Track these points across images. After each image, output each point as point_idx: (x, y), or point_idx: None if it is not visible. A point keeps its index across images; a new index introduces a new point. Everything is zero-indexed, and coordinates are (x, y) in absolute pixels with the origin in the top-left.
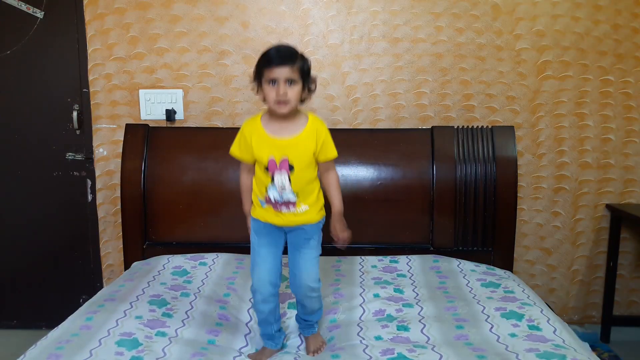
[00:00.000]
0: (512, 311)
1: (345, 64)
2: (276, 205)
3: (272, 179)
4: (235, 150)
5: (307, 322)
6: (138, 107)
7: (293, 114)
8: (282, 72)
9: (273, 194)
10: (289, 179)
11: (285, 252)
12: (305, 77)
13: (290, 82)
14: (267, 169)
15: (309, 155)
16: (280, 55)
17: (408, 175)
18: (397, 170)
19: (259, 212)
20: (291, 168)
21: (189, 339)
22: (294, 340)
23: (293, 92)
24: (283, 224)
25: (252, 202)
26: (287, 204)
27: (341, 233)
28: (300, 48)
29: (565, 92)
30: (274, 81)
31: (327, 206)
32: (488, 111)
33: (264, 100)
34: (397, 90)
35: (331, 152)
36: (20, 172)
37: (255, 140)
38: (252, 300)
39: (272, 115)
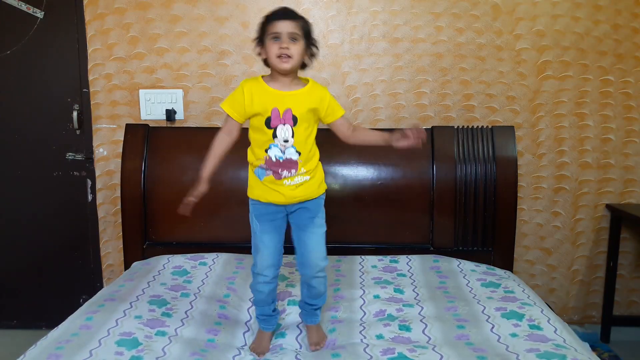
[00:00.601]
0: (512, 311)
1: (345, 64)
2: (277, 167)
3: (275, 134)
4: (227, 105)
5: (312, 307)
6: (138, 107)
7: (294, 77)
8: (285, 26)
9: (274, 152)
10: (292, 132)
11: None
12: (308, 38)
13: (293, 39)
14: (268, 123)
15: (312, 109)
16: (284, 11)
17: (408, 175)
18: (397, 170)
19: (257, 191)
20: (295, 121)
21: (189, 338)
22: (292, 341)
23: (296, 48)
24: (284, 202)
25: (248, 183)
26: (289, 164)
27: (419, 133)
28: None
29: (565, 92)
30: (276, 37)
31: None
32: (488, 111)
33: (266, 59)
34: (397, 90)
35: (339, 108)
36: (20, 172)
37: (257, 95)
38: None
39: (274, 75)
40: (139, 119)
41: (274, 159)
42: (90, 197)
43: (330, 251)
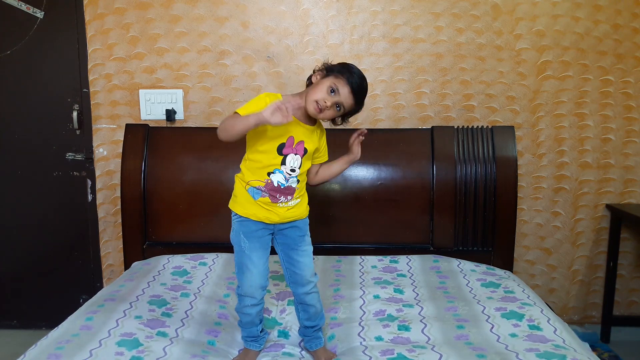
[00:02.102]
0: (512, 311)
1: None
2: (276, 192)
3: (284, 161)
4: (244, 111)
5: (313, 329)
6: (138, 107)
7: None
8: (347, 98)
9: (278, 178)
10: (301, 163)
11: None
12: (349, 113)
13: (338, 106)
14: (280, 149)
15: (315, 147)
16: (360, 91)
17: (408, 175)
18: (397, 170)
19: (250, 210)
20: (305, 152)
21: (189, 339)
22: (294, 343)
23: (331, 113)
24: (277, 220)
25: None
26: (288, 191)
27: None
28: (300, 48)
29: (565, 92)
30: (333, 92)
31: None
32: (488, 111)
33: (308, 85)
34: (397, 90)
35: (326, 154)
36: (20, 172)
37: None
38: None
39: (295, 103)
40: (139, 119)
41: (275, 184)
42: (90, 197)
43: (331, 251)
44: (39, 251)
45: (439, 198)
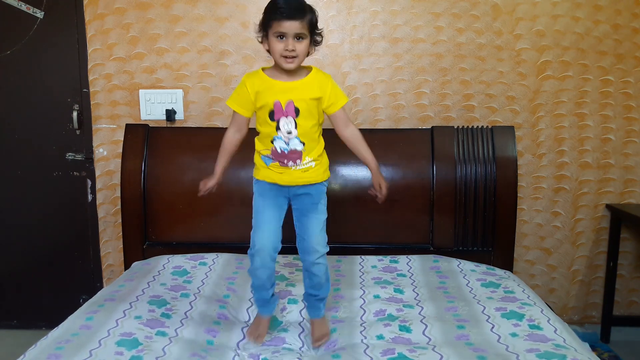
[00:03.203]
0: (512, 311)
1: (345, 64)
2: (282, 158)
3: (278, 126)
4: (233, 102)
5: (315, 297)
6: (138, 107)
7: (297, 67)
8: (291, 27)
9: (279, 144)
10: (295, 124)
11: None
12: (313, 31)
13: (298, 37)
14: (271, 115)
15: (314, 99)
16: (291, 8)
17: (408, 175)
18: (397, 170)
19: (263, 173)
20: (297, 112)
21: (189, 338)
22: (295, 340)
23: (301, 47)
24: (290, 182)
25: (254, 165)
26: (294, 155)
27: (384, 187)
28: None
29: (565, 92)
30: (282, 35)
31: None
32: (488, 111)
33: (269, 52)
34: (397, 90)
35: (341, 97)
36: (20, 172)
37: (260, 88)
38: (251, 296)
39: (278, 68)
40: (139, 119)
41: (279, 151)
42: (90, 197)
43: (330, 251)
44: (39, 251)
45: (439, 198)
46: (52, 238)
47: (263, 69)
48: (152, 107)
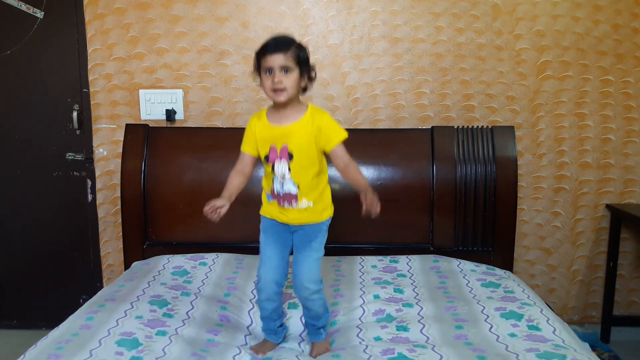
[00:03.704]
0: (511, 311)
1: (345, 64)
2: (279, 199)
3: (273, 169)
4: (246, 146)
5: (313, 327)
6: (138, 107)
7: (294, 105)
8: (276, 60)
9: (276, 186)
10: (289, 168)
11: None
12: (303, 65)
13: (285, 70)
14: (267, 159)
15: (308, 143)
16: (275, 44)
17: (408, 175)
18: (397, 170)
19: (265, 208)
20: (290, 157)
21: (189, 338)
22: (295, 340)
23: (289, 80)
24: (287, 222)
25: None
26: (289, 197)
27: (373, 203)
28: None
29: (565, 92)
30: (270, 70)
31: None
32: (488, 111)
33: (263, 89)
34: (397, 90)
35: (335, 135)
36: (20, 172)
37: (259, 131)
38: (255, 297)
39: (275, 106)
40: (139, 119)
41: (275, 192)
42: (90, 197)
43: (330, 251)
44: (39, 251)
45: (439, 198)
46: (52, 238)
47: (267, 109)
48: (152, 107)
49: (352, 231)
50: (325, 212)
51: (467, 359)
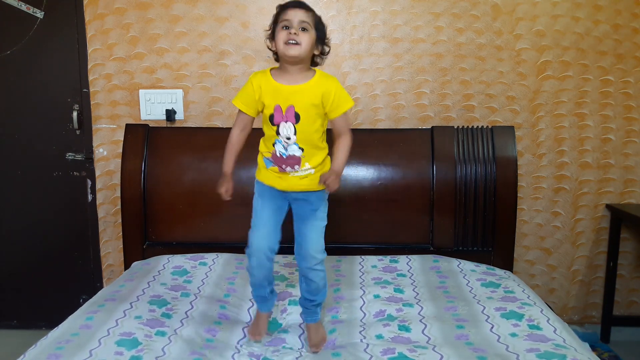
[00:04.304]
0: (512, 311)
1: (345, 64)
2: (281, 162)
3: (278, 131)
4: (238, 100)
5: (311, 303)
6: (138, 107)
7: (302, 68)
8: (297, 14)
9: (279, 148)
10: (294, 130)
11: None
12: (319, 31)
13: (303, 28)
14: (271, 119)
15: (315, 105)
16: (298, 2)
17: (408, 175)
18: (397, 170)
19: (263, 175)
20: (297, 118)
21: (189, 338)
22: (295, 341)
23: (305, 37)
24: (286, 188)
25: (257, 165)
26: (292, 160)
27: (331, 184)
28: None
29: (565, 92)
30: (287, 25)
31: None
32: (488, 111)
33: (275, 51)
34: (397, 90)
35: (343, 102)
36: (20, 172)
37: (264, 89)
38: (247, 266)
39: (282, 67)
40: (139, 119)
41: (278, 155)
42: (90, 197)
43: (331, 251)
44: (39, 251)
45: (439, 198)
46: (52, 238)
47: (271, 69)
48: (152, 107)
49: (352, 231)
50: None
51: (467, 359)
